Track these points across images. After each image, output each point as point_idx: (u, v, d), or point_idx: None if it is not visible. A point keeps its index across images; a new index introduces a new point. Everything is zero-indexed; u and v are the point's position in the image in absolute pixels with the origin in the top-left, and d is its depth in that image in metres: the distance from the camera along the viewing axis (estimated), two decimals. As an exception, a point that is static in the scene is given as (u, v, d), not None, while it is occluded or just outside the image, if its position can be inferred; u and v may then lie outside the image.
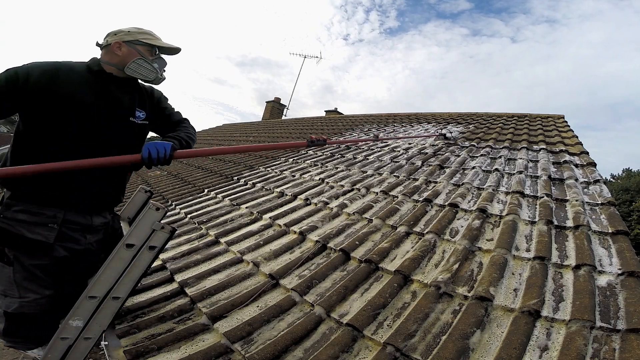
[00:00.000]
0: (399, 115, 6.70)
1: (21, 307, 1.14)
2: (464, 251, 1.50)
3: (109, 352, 1.15)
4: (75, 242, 1.21)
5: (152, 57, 1.32)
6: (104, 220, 1.32)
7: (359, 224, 1.97)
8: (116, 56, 1.26)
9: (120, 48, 1.26)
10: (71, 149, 1.14)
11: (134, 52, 1.27)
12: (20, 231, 1.10)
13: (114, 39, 1.26)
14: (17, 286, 1.13)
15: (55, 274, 1.18)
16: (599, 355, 0.94)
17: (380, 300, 1.25)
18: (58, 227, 1.15)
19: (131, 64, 1.26)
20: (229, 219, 2.32)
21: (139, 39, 1.28)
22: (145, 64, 1.29)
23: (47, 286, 1.18)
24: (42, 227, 1.13)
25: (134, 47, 1.27)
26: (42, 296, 1.17)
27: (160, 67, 1.36)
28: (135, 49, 1.27)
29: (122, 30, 1.28)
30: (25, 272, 1.13)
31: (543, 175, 2.30)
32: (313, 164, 3.55)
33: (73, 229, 1.20)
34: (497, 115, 5.22)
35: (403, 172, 2.77)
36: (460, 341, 1.03)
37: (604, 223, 1.65)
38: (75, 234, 1.20)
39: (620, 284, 1.21)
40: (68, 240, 1.18)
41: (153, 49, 1.32)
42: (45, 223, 1.13)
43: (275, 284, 1.48)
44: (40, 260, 1.14)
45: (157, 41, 1.33)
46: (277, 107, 11.53)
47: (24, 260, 1.13)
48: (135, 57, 1.27)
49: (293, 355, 1.08)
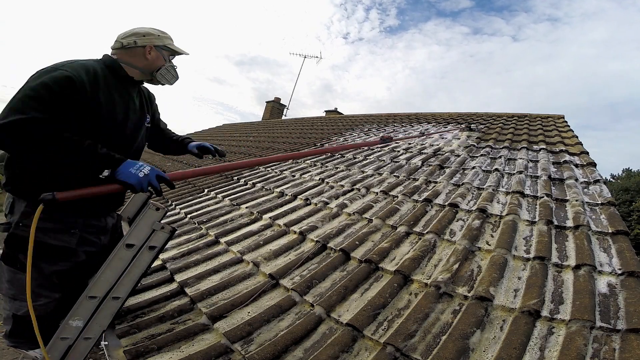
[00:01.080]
0: (399, 115, 6.70)
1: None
2: (464, 251, 1.50)
3: (109, 352, 1.15)
4: (92, 244, 1.22)
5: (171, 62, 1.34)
6: (113, 220, 1.34)
7: (359, 224, 1.97)
8: (144, 60, 1.25)
9: (150, 52, 1.26)
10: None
11: (160, 57, 1.28)
12: (44, 239, 1.09)
13: (144, 41, 1.24)
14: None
15: (70, 278, 1.19)
16: (599, 355, 0.94)
17: (380, 300, 1.25)
18: (79, 233, 1.16)
19: (162, 69, 1.28)
20: (229, 219, 2.32)
21: (166, 44, 1.29)
22: (172, 70, 1.32)
23: (57, 289, 1.18)
24: (65, 234, 1.13)
25: (161, 51, 1.28)
26: (51, 300, 1.17)
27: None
28: (162, 54, 1.29)
29: (152, 34, 1.26)
30: (42, 279, 1.12)
31: (543, 175, 2.30)
32: (313, 163, 3.55)
33: (91, 232, 1.21)
34: (497, 115, 5.21)
35: (403, 172, 2.77)
36: (460, 341, 1.03)
37: (604, 223, 1.65)
38: (92, 237, 1.22)
39: (620, 284, 1.22)
40: (87, 244, 1.20)
41: (172, 54, 1.34)
42: (68, 229, 1.14)
43: (275, 284, 1.48)
44: (60, 266, 1.14)
45: (176, 47, 1.35)
46: (277, 107, 11.53)
47: (44, 267, 1.11)
48: (163, 63, 1.29)
49: (293, 355, 1.08)
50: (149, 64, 1.26)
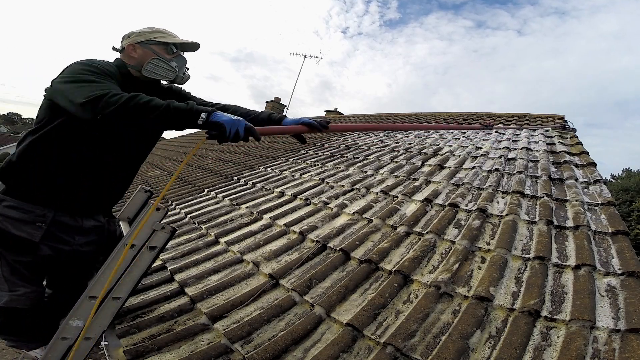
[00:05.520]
0: (399, 115, 6.70)
1: (11, 300, 1.14)
2: (463, 251, 1.50)
3: (109, 352, 1.15)
4: (64, 243, 1.19)
5: (170, 56, 1.28)
6: (96, 223, 1.29)
7: (358, 224, 1.97)
8: (133, 59, 1.25)
9: (135, 50, 1.24)
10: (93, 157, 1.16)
11: (149, 53, 1.25)
12: (7, 227, 1.09)
13: (127, 41, 1.25)
14: (6, 280, 1.13)
15: (39, 271, 1.18)
16: (599, 355, 0.94)
17: (380, 300, 1.26)
18: (46, 227, 1.13)
19: (147, 64, 1.24)
20: (229, 219, 2.32)
21: (151, 38, 1.25)
22: (161, 64, 1.26)
23: (34, 282, 1.18)
24: (30, 225, 1.11)
25: (148, 47, 1.25)
26: (31, 290, 1.16)
27: (180, 66, 1.32)
28: (150, 49, 1.25)
29: (135, 32, 1.26)
30: (9, 267, 1.13)
31: (543, 175, 2.30)
32: (313, 163, 3.55)
33: (61, 229, 1.18)
34: (497, 115, 5.22)
35: (403, 172, 2.76)
36: (460, 341, 1.03)
37: (604, 223, 1.65)
38: (63, 235, 1.19)
39: (620, 284, 1.22)
40: (56, 240, 1.17)
41: (169, 47, 1.28)
42: (33, 221, 1.12)
43: (275, 284, 1.48)
44: (22, 257, 1.13)
45: (171, 38, 1.28)
46: (277, 107, 11.53)
47: (7, 255, 1.12)
48: (151, 58, 1.24)
49: (293, 355, 1.08)
50: (138, 62, 1.24)
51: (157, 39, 1.26)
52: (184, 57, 1.34)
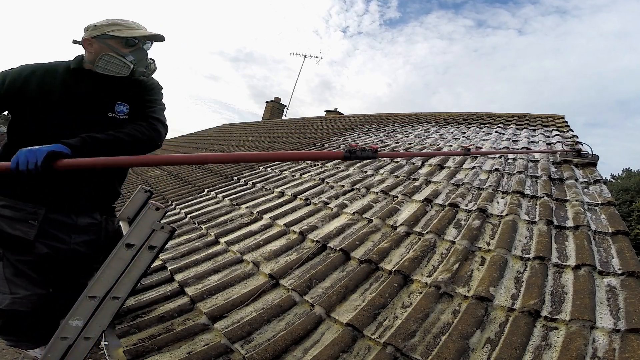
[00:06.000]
0: (399, 115, 6.70)
1: (13, 303, 1.13)
2: (463, 251, 1.50)
3: (109, 352, 1.15)
4: (60, 241, 1.19)
5: (128, 50, 1.22)
6: (92, 221, 1.28)
7: (358, 224, 1.97)
8: (90, 54, 1.21)
9: (92, 45, 1.20)
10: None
11: (104, 47, 1.19)
12: (3, 227, 1.10)
13: (84, 35, 1.21)
14: (8, 282, 1.13)
15: (40, 270, 1.18)
16: (599, 355, 0.94)
17: (380, 300, 1.25)
18: (38, 225, 1.13)
19: (99, 60, 1.19)
20: (229, 219, 2.32)
21: (106, 32, 1.18)
22: (113, 59, 1.19)
23: (37, 284, 1.17)
24: (23, 224, 1.11)
25: (103, 41, 1.19)
26: (32, 293, 1.16)
27: (140, 59, 1.25)
28: (105, 44, 1.19)
29: (91, 25, 1.21)
30: (13, 267, 1.13)
31: (543, 175, 2.30)
32: (313, 163, 3.55)
33: (56, 227, 1.17)
34: (497, 115, 5.22)
35: (403, 172, 2.76)
36: (460, 341, 1.03)
37: (604, 223, 1.65)
38: (59, 233, 1.18)
39: (620, 284, 1.22)
40: (51, 238, 1.17)
41: (128, 41, 1.21)
42: (25, 219, 1.12)
43: (275, 284, 1.48)
44: (23, 256, 1.13)
45: (127, 32, 1.21)
46: (277, 107, 11.54)
47: (9, 256, 1.13)
48: (102, 53, 1.19)
49: (293, 355, 1.08)
50: (94, 57, 1.20)
51: (112, 33, 1.19)
52: (145, 50, 1.28)
